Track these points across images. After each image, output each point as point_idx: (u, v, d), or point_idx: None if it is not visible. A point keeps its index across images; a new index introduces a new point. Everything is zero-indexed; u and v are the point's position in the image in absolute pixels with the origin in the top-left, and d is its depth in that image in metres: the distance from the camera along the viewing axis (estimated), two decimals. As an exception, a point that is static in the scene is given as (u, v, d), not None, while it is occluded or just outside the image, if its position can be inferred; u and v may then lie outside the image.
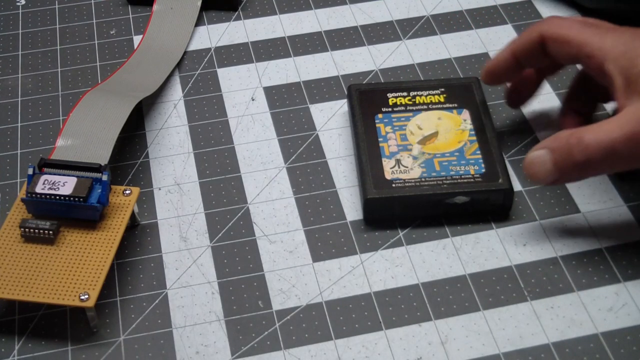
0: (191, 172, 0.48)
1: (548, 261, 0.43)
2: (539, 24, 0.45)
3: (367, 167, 0.45)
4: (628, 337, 0.40)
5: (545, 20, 0.45)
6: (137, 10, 0.59)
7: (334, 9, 0.58)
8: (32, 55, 0.56)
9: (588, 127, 0.41)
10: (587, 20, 0.44)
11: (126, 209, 0.43)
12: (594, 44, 0.42)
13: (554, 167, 0.41)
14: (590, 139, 0.40)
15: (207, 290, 0.43)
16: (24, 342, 0.41)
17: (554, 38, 0.43)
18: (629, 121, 0.39)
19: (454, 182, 0.44)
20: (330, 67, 0.54)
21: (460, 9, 0.58)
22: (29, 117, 0.52)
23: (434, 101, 0.48)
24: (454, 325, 0.41)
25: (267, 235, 0.45)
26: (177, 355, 0.40)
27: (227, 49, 0.56)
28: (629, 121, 0.39)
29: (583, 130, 0.41)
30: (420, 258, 0.44)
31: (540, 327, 0.41)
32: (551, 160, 0.41)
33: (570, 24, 0.43)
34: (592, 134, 0.40)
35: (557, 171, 0.41)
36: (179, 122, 0.51)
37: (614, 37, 0.42)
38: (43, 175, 0.42)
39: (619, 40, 0.41)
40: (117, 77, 0.51)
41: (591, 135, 0.40)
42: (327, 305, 0.42)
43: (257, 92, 0.53)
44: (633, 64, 0.40)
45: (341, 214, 0.46)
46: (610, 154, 0.40)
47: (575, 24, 0.43)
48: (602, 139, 0.40)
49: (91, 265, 0.41)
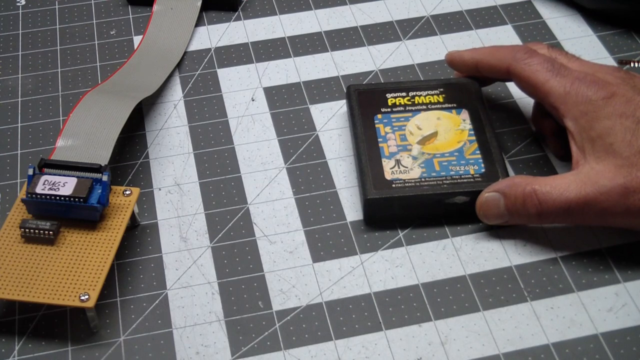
0: (191, 173, 0.48)
1: (548, 261, 0.43)
2: (510, 53, 0.45)
3: (366, 168, 0.45)
4: (628, 337, 0.40)
5: (515, 51, 0.45)
6: (137, 10, 0.59)
7: (334, 9, 0.58)
8: (32, 55, 0.56)
9: (544, 180, 0.42)
10: (555, 62, 0.44)
11: (126, 210, 0.43)
12: (558, 97, 0.43)
13: (506, 211, 0.43)
14: (545, 195, 0.41)
15: (207, 291, 0.43)
16: (24, 342, 0.41)
17: (521, 78, 0.45)
18: (584, 184, 0.41)
19: (453, 182, 0.44)
20: (330, 68, 0.54)
21: (460, 9, 0.58)
22: (29, 117, 0.52)
23: (433, 101, 0.48)
24: (454, 326, 0.41)
25: (267, 236, 0.45)
26: (177, 356, 0.40)
27: (227, 49, 0.56)
28: (584, 184, 0.41)
29: (539, 182, 0.42)
30: (420, 258, 0.44)
31: (540, 327, 0.41)
32: (505, 205, 0.43)
33: (537, 66, 0.44)
34: (547, 189, 0.41)
35: (509, 216, 0.43)
36: (179, 122, 0.51)
37: (578, 92, 0.42)
38: (43, 175, 0.42)
39: (581, 97, 0.42)
40: (117, 77, 0.51)
41: (546, 191, 0.41)
42: (327, 306, 0.42)
43: (257, 93, 0.53)
44: (591, 126, 0.41)
45: (341, 215, 0.46)
46: (563, 213, 0.41)
47: (542, 67, 0.44)
48: (556, 198, 0.41)
49: (91, 266, 0.41)
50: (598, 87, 0.42)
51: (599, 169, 0.41)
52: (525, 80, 0.44)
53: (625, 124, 0.41)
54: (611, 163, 0.40)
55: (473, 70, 0.48)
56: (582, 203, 0.40)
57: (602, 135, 0.41)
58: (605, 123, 0.41)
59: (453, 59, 0.49)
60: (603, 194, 0.40)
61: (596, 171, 0.41)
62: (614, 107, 0.41)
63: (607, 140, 0.41)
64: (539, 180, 0.42)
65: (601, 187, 0.40)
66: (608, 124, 0.41)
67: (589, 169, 0.41)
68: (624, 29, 0.55)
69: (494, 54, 0.47)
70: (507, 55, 0.45)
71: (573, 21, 0.56)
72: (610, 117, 0.41)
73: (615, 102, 0.41)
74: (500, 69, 0.46)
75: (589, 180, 0.41)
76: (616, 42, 0.55)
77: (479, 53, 0.48)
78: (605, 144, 0.41)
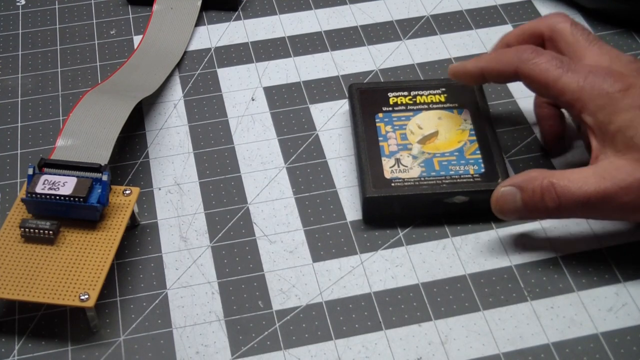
0: (191, 172, 0.48)
1: (548, 261, 0.43)
2: (515, 55, 0.43)
3: (366, 166, 0.45)
4: (628, 337, 0.40)
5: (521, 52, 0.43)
6: (137, 10, 0.59)
7: (334, 9, 0.58)
8: (32, 55, 0.56)
9: (561, 173, 0.41)
10: (564, 58, 0.43)
11: (126, 209, 0.43)
12: (573, 93, 0.41)
13: (523, 206, 0.42)
14: (563, 189, 0.40)
15: (207, 290, 0.43)
16: (24, 342, 0.41)
17: (531, 79, 0.43)
18: (603, 178, 0.40)
19: (453, 181, 0.44)
20: (330, 67, 0.54)
21: (460, 9, 0.58)
22: (29, 117, 0.52)
23: (434, 101, 0.48)
24: (454, 325, 0.41)
25: (267, 235, 0.45)
26: (177, 355, 0.40)
27: (227, 49, 0.56)
28: (604, 179, 0.40)
29: (557, 176, 0.41)
30: (420, 258, 0.44)
31: (540, 327, 0.41)
32: (521, 200, 0.42)
33: (546, 65, 0.42)
34: (565, 182, 0.40)
35: (526, 211, 0.42)
36: (179, 122, 0.51)
37: (593, 86, 0.41)
38: (43, 175, 0.42)
39: (597, 91, 0.41)
40: (117, 77, 0.51)
41: (564, 185, 0.40)
42: (327, 305, 0.42)
43: (257, 92, 0.53)
44: (610, 120, 0.40)
45: (341, 214, 0.46)
46: (582, 207, 0.40)
47: (551, 65, 0.42)
48: (574, 192, 0.40)
49: (91, 265, 0.41)
50: (614, 80, 0.41)
51: (619, 163, 0.40)
52: (536, 81, 0.43)
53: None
54: (631, 157, 0.39)
55: (480, 80, 0.46)
56: (601, 197, 0.40)
57: (622, 128, 0.40)
58: (625, 116, 0.40)
59: (457, 72, 0.47)
60: (623, 188, 0.39)
61: (616, 165, 0.40)
62: (632, 99, 0.40)
63: (627, 133, 0.40)
64: (557, 173, 0.41)
65: (621, 181, 0.39)
66: (628, 116, 0.40)
67: (608, 163, 0.40)
68: (624, 29, 0.55)
69: (498, 59, 0.44)
70: (512, 58, 0.44)
71: (573, 21, 0.56)
72: (630, 109, 0.40)
73: (633, 93, 0.40)
74: (507, 74, 0.44)
75: (608, 174, 0.40)
76: (616, 42, 0.55)
77: (482, 61, 0.46)
78: (625, 138, 0.40)
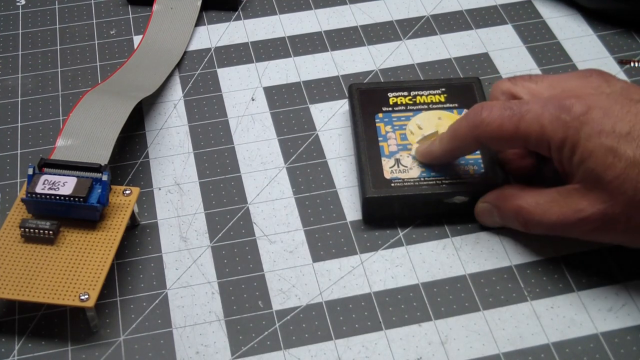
0: (191, 172, 0.48)
1: (548, 261, 0.43)
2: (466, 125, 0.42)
3: (366, 167, 0.45)
4: (628, 337, 0.40)
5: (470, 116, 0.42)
6: (137, 10, 0.59)
7: (334, 9, 0.58)
8: (32, 55, 0.56)
9: (531, 195, 0.42)
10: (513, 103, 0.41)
11: (126, 209, 0.43)
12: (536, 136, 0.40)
13: (501, 221, 0.44)
14: (529, 215, 0.41)
15: (207, 290, 0.43)
16: (24, 342, 0.41)
17: (493, 139, 0.41)
18: (566, 207, 0.40)
19: (452, 181, 0.44)
20: (330, 67, 0.54)
21: (460, 9, 0.58)
22: (29, 117, 0.52)
23: (434, 101, 0.48)
24: (454, 325, 0.41)
25: (267, 235, 0.45)
26: (177, 355, 0.40)
27: (227, 49, 0.56)
28: (566, 207, 0.40)
29: (525, 198, 0.42)
30: (420, 258, 0.44)
31: (540, 327, 0.41)
32: (498, 215, 0.43)
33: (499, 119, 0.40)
34: (532, 207, 0.41)
35: (504, 223, 0.44)
36: (179, 122, 0.51)
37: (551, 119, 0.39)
38: (43, 175, 0.42)
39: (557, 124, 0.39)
40: (117, 77, 0.51)
41: (531, 210, 0.41)
42: (327, 305, 0.42)
43: (257, 92, 0.53)
44: (573, 152, 0.39)
45: (341, 214, 0.46)
46: (547, 231, 0.42)
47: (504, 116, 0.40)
48: (538, 219, 0.41)
49: (91, 265, 0.41)
50: (571, 105, 0.39)
51: (582, 192, 0.39)
52: (498, 139, 0.41)
53: (605, 143, 0.38)
54: (593, 187, 0.39)
55: (450, 159, 0.45)
56: (562, 225, 0.40)
57: (583, 160, 0.39)
58: (585, 146, 0.39)
59: (424, 156, 0.45)
60: (582, 220, 0.39)
61: (579, 193, 0.39)
62: (591, 126, 0.38)
63: (588, 165, 0.39)
64: (527, 194, 0.42)
65: (580, 212, 0.39)
66: (588, 146, 0.38)
67: (572, 189, 0.40)
68: (624, 29, 0.55)
69: (455, 136, 0.43)
70: (465, 128, 0.42)
71: (573, 21, 0.56)
72: (590, 138, 0.38)
73: (592, 118, 0.39)
74: (471, 146, 0.43)
75: (571, 202, 0.40)
76: (616, 42, 0.55)
77: (444, 142, 0.44)
78: (587, 169, 0.39)
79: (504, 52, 0.54)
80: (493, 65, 0.53)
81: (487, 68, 0.53)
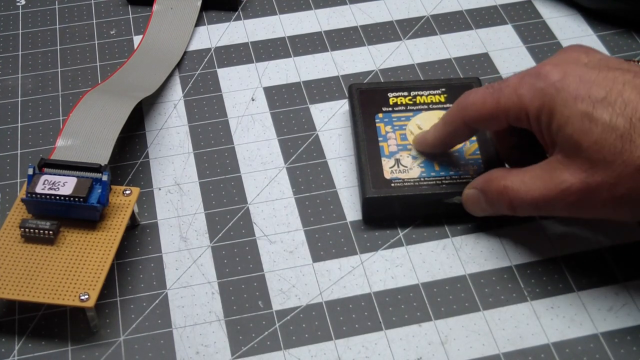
0: (191, 172, 0.48)
1: (548, 261, 0.43)
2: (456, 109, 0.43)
3: (366, 167, 0.45)
4: (628, 337, 0.40)
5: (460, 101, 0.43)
6: (137, 10, 0.59)
7: (334, 9, 0.58)
8: (32, 55, 0.56)
9: (517, 174, 0.41)
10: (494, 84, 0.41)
11: (126, 209, 0.43)
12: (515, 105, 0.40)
13: (489, 206, 0.42)
14: (515, 192, 0.40)
15: (207, 290, 0.43)
16: (24, 342, 0.41)
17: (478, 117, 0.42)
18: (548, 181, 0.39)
19: (452, 182, 0.44)
20: (330, 67, 0.54)
21: (460, 9, 0.58)
22: (29, 117, 0.52)
23: (434, 101, 0.48)
24: (454, 325, 0.41)
25: (267, 235, 0.45)
26: (177, 355, 0.40)
27: (227, 49, 0.56)
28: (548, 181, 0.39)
29: (511, 178, 0.41)
30: (420, 258, 0.44)
31: (540, 327, 0.41)
32: (485, 201, 0.42)
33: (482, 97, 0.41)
34: (517, 185, 0.40)
35: (491, 209, 0.42)
36: (179, 122, 0.51)
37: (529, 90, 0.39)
38: (43, 175, 0.42)
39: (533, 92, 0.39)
40: (117, 77, 0.51)
41: (516, 188, 0.40)
42: (327, 305, 0.42)
43: (257, 92, 0.53)
44: (550, 120, 0.39)
45: (341, 214, 0.46)
46: (533, 209, 0.40)
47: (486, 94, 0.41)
48: (523, 196, 0.40)
49: (91, 266, 0.41)
50: (547, 72, 0.39)
51: (564, 162, 0.39)
52: (482, 116, 0.41)
53: (580, 108, 0.37)
54: (574, 156, 0.38)
55: (444, 147, 0.45)
56: (547, 200, 0.39)
57: (560, 127, 0.38)
58: (562, 112, 0.38)
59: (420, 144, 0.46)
60: (564, 191, 0.38)
61: (560, 164, 0.39)
62: (567, 92, 0.38)
63: (566, 131, 0.38)
64: (512, 174, 0.41)
65: (562, 184, 0.38)
66: (565, 112, 0.38)
67: (554, 161, 0.39)
68: (624, 29, 0.55)
69: (447, 120, 0.44)
70: (454, 111, 0.43)
71: (573, 21, 0.56)
72: (566, 104, 0.38)
73: (567, 83, 0.38)
74: (461, 131, 0.43)
75: (553, 175, 0.39)
76: (616, 42, 0.55)
77: (438, 129, 0.44)
78: (566, 136, 0.38)
79: (504, 52, 0.54)
80: (493, 65, 0.53)
81: (487, 68, 0.53)
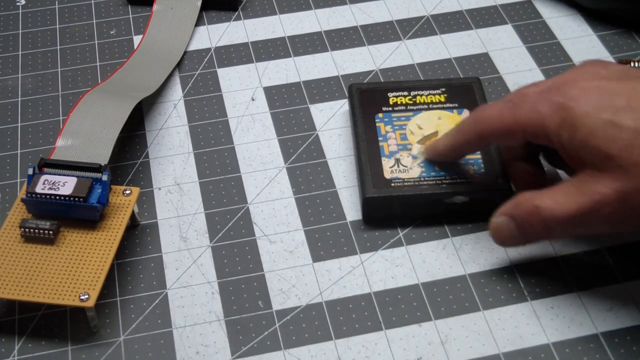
0: (191, 172, 0.48)
1: (548, 261, 0.43)
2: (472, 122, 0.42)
3: (366, 166, 0.45)
4: (628, 336, 0.40)
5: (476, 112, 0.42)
6: (137, 10, 0.59)
7: (334, 9, 0.58)
8: (32, 55, 0.56)
9: (547, 194, 0.39)
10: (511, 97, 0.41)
11: (126, 209, 0.43)
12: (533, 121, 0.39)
13: (520, 233, 0.40)
14: (547, 212, 0.38)
15: (207, 290, 0.43)
16: (24, 342, 0.41)
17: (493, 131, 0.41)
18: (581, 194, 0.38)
19: (452, 181, 0.44)
20: (330, 67, 0.54)
21: (460, 9, 0.58)
22: (29, 117, 0.52)
23: (434, 101, 0.48)
24: (454, 325, 0.41)
25: (267, 235, 0.45)
26: (177, 355, 0.40)
27: (227, 49, 0.56)
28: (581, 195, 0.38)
29: (540, 198, 0.39)
30: (420, 258, 0.44)
31: (540, 327, 0.41)
32: (516, 227, 0.40)
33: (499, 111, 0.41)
34: (549, 204, 0.38)
35: (524, 237, 0.40)
36: (179, 122, 0.51)
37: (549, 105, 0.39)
38: (43, 175, 0.42)
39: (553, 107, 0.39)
40: (117, 77, 0.51)
41: (548, 207, 0.38)
42: (327, 305, 0.42)
43: (257, 92, 0.53)
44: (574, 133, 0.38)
45: (341, 214, 0.46)
46: (569, 226, 0.38)
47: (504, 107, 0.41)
48: (558, 214, 0.38)
49: (91, 265, 0.41)
50: (565, 87, 0.39)
51: (594, 175, 0.38)
52: (497, 131, 0.41)
53: (603, 117, 0.37)
54: (603, 167, 0.37)
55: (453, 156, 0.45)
56: (582, 214, 0.37)
57: (585, 139, 0.37)
58: (584, 124, 0.37)
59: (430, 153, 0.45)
60: (600, 202, 0.37)
61: (591, 178, 0.38)
62: (588, 103, 0.38)
63: (592, 143, 0.37)
64: (542, 194, 0.39)
65: (596, 195, 0.37)
66: (587, 123, 0.37)
67: (584, 176, 0.38)
68: (624, 29, 0.55)
69: (459, 130, 0.43)
70: (469, 125, 0.42)
71: (573, 21, 0.56)
72: (587, 115, 0.37)
73: (587, 95, 0.38)
74: (474, 142, 0.43)
75: (585, 189, 0.38)
76: (616, 42, 0.55)
77: (449, 138, 0.44)
78: (592, 149, 0.37)
79: (504, 52, 0.54)
80: (493, 65, 0.53)
81: (487, 68, 0.53)
